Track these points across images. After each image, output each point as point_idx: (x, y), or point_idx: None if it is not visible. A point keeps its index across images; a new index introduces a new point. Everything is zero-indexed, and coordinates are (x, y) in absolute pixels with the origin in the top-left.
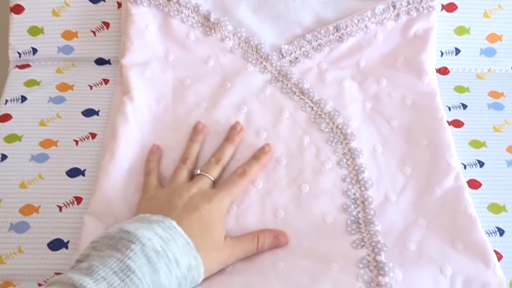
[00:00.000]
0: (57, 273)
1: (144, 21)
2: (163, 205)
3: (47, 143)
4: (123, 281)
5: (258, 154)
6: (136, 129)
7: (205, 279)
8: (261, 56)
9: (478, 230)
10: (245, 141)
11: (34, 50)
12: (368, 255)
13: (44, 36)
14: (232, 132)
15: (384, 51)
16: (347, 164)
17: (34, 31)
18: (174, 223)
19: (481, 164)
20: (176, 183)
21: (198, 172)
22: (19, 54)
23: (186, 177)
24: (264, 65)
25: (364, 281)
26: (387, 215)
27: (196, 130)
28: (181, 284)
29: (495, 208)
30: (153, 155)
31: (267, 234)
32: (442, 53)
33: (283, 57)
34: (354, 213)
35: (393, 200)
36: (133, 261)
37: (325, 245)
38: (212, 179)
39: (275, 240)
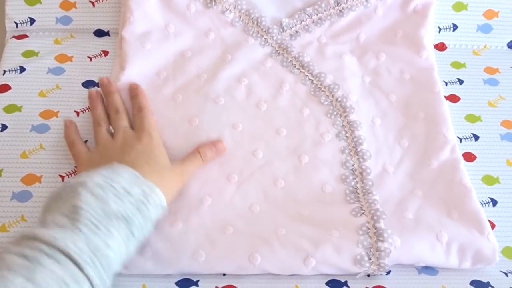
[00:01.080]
0: None
1: None
2: (101, 161)
3: (48, 114)
4: (72, 218)
5: (132, 93)
6: None
7: (207, 242)
8: (262, 29)
9: (473, 200)
10: (246, 113)
11: (32, 20)
12: (368, 222)
13: (41, 6)
14: (105, 88)
15: (384, 26)
16: (346, 136)
17: (31, 0)
18: (115, 164)
19: (476, 137)
20: (102, 142)
21: (113, 130)
22: (16, 24)
23: (107, 135)
24: (265, 38)
25: (364, 246)
26: (384, 185)
27: (92, 98)
28: (141, 208)
29: (489, 180)
30: (69, 129)
31: (205, 146)
32: (440, 29)
33: (283, 31)
34: (353, 183)
35: (391, 172)
36: (78, 199)
37: (325, 213)
38: (129, 126)
39: (214, 148)
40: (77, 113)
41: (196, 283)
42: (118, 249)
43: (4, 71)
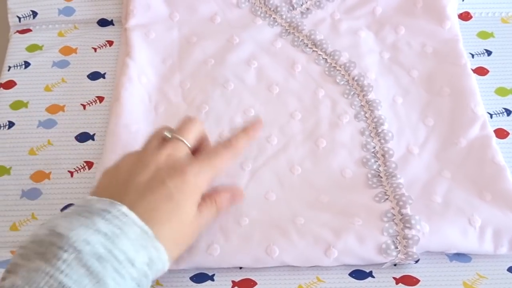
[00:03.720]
0: None
1: None
2: (123, 179)
3: (54, 109)
4: None
5: (248, 128)
6: (141, 90)
7: (221, 235)
8: (270, 9)
9: (507, 179)
10: (258, 97)
11: (34, 14)
12: (393, 208)
13: None
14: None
15: None
16: (365, 117)
17: None
18: (124, 209)
19: (508, 112)
20: (145, 149)
21: (169, 135)
22: (19, 18)
23: (156, 142)
24: (274, 18)
25: (389, 234)
26: (409, 168)
27: None
28: (142, 283)
29: None
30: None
31: (223, 195)
32: None
33: (293, 9)
34: (375, 166)
35: (416, 153)
36: (66, 275)
37: (346, 199)
38: (189, 145)
39: (232, 199)
40: (83, 106)
41: (211, 278)
42: None
43: (9, 67)
